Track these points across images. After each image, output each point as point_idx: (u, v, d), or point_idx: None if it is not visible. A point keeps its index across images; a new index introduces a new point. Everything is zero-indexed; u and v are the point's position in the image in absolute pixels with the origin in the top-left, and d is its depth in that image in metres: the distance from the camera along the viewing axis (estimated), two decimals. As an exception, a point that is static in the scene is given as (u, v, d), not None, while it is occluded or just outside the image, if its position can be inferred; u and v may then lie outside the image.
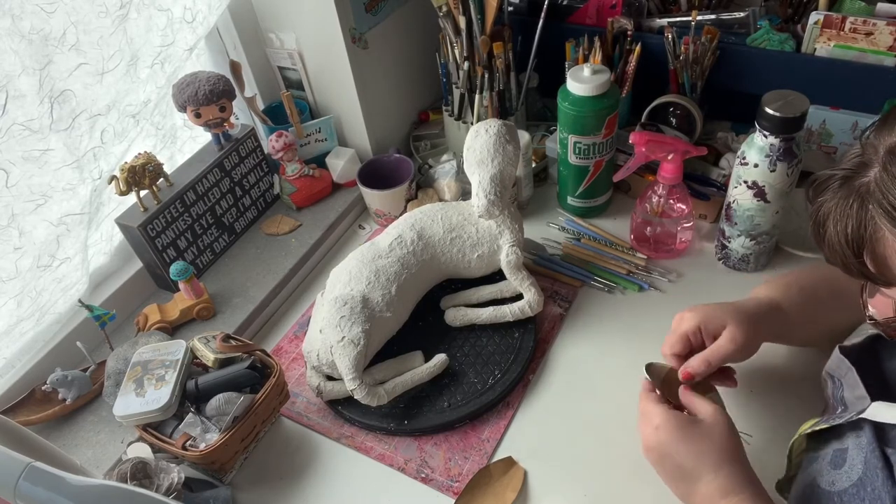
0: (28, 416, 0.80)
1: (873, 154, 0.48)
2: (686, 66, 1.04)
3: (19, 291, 0.79)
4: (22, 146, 0.75)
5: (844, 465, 0.55)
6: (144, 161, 0.88)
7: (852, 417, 0.56)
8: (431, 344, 0.87)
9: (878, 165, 0.47)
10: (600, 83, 0.88)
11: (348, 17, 0.99)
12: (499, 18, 1.04)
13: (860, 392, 0.58)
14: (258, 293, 0.96)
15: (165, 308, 0.92)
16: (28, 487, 0.49)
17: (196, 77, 0.93)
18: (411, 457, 0.77)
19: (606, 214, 1.05)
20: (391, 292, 0.82)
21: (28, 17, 0.72)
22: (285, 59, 1.09)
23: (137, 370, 0.76)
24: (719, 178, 1.02)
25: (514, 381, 0.82)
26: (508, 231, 0.87)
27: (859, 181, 0.48)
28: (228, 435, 0.71)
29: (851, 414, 0.56)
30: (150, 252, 0.92)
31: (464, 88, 1.07)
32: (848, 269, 0.52)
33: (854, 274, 0.52)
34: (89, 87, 0.80)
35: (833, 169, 0.52)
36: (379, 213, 1.07)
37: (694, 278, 0.92)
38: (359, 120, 1.10)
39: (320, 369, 0.82)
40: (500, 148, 0.84)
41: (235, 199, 1.04)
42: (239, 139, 1.02)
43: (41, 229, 0.80)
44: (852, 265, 0.51)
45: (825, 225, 0.52)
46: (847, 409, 0.59)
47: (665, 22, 1.09)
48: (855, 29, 0.95)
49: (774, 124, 0.75)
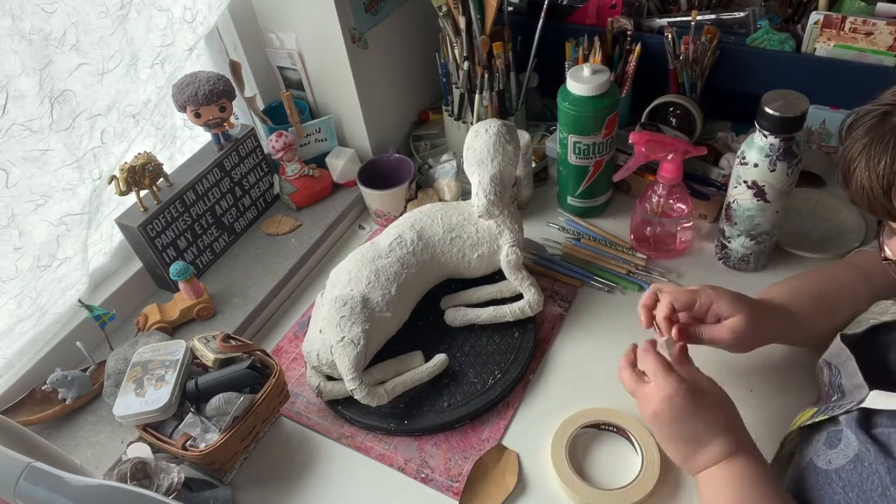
0: (28, 416, 0.80)
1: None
2: (686, 66, 1.04)
3: (19, 291, 0.79)
4: (22, 146, 0.75)
5: (840, 444, 0.56)
6: (144, 161, 0.88)
7: (853, 408, 0.57)
8: (431, 344, 0.87)
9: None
10: (600, 83, 0.88)
11: (348, 17, 0.99)
12: (499, 18, 1.04)
13: (858, 380, 0.59)
14: (258, 293, 0.96)
15: (165, 308, 0.92)
16: (28, 487, 0.49)
17: (196, 77, 0.93)
18: (411, 457, 0.77)
19: (606, 214, 1.05)
20: (391, 292, 0.82)
21: (28, 18, 0.72)
22: (285, 59, 1.09)
23: (137, 370, 0.76)
24: (719, 178, 1.02)
25: (514, 381, 0.82)
26: (508, 231, 0.87)
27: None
28: (228, 435, 0.71)
29: (851, 403, 0.57)
30: (150, 252, 0.92)
31: (464, 88, 1.07)
32: (872, 208, 0.53)
33: (878, 212, 0.53)
34: (89, 87, 0.80)
35: (871, 105, 0.52)
36: (379, 213, 1.07)
37: (694, 278, 0.92)
38: (359, 120, 1.10)
39: (320, 369, 0.82)
40: (500, 148, 0.84)
41: (235, 199, 1.04)
42: (239, 139, 1.02)
43: (41, 229, 0.80)
44: (878, 203, 0.52)
45: (856, 161, 0.52)
46: (844, 396, 0.60)
47: (665, 22, 1.09)
48: (855, 29, 0.95)
49: (774, 124, 0.75)
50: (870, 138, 0.51)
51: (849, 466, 0.55)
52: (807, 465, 0.59)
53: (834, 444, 0.57)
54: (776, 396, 0.77)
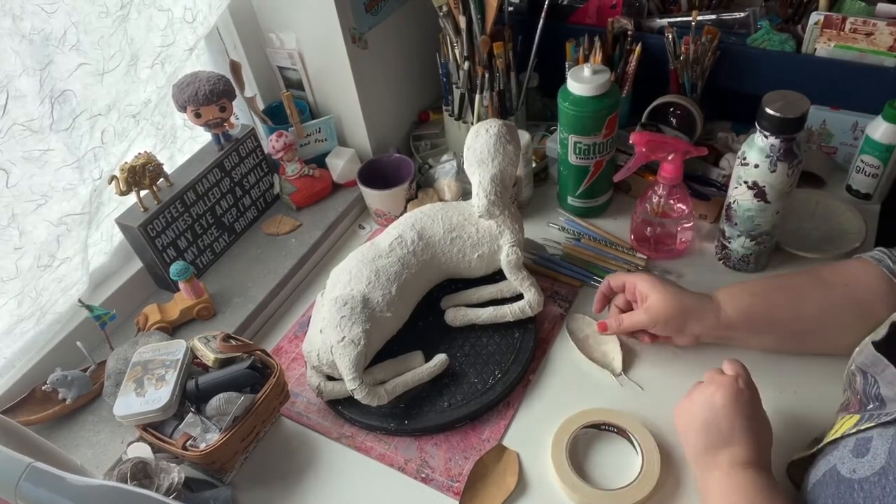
0: (28, 416, 0.80)
1: None
2: (686, 66, 1.04)
3: (20, 291, 0.79)
4: (22, 146, 0.75)
5: (867, 455, 0.55)
6: (144, 161, 0.88)
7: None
8: (431, 344, 0.87)
9: None
10: (600, 83, 0.88)
11: (348, 17, 0.99)
12: (499, 18, 1.04)
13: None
14: (258, 293, 0.96)
15: (165, 308, 0.92)
16: (29, 487, 0.49)
17: (196, 77, 0.93)
18: (411, 457, 0.77)
19: (606, 214, 1.05)
20: (391, 292, 0.82)
21: (29, 18, 0.72)
22: (285, 59, 1.09)
23: (137, 370, 0.76)
24: (719, 179, 1.02)
25: (515, 381, 0.82)
26: (508, 231, 0.87)
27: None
28: (229, 435, 0.71)
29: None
30: (151, 252, 0.92)
31: (464, 88, 1.07)
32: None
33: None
34: (90, 87, 0.80)
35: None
36: (379, 213, 1.07)
37: (694, 278, 0.92)
38: (359, 120, 1.10)
39: (320, 369, 0.82)
40: (500, 148, 0.84)
41: (235, 199, 1.04)
42: (239, 139, 1.02)
43: (41, 229, 0.80)
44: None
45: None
46: (884, 404, 0.59)
47: (665, 22, 1.09)
48: (855, 29, 0.95)
49: (775, 124, 0.75)
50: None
51: (873, 478, 0.53)
52: (829, 471, 0.58)
53: (862, 453, 0.56)
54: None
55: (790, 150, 0.77)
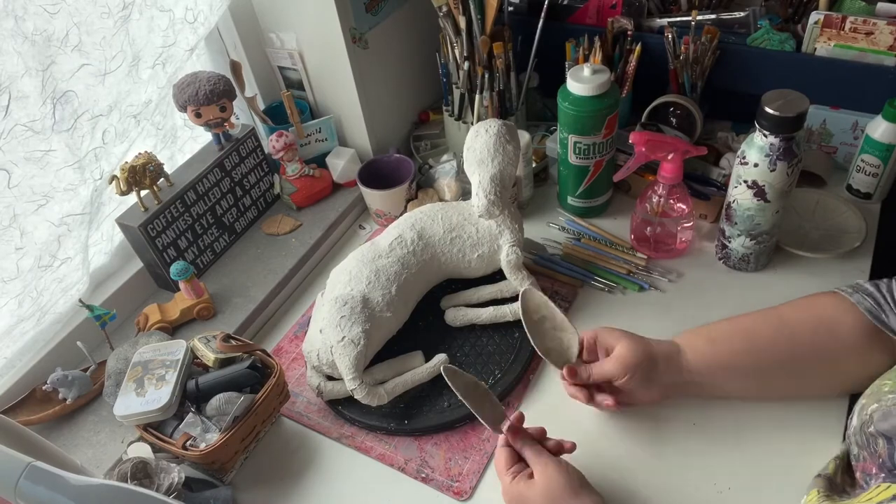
0: (28, 416, 0.80)
1: None
2: (686, 66, 1.04)
3: (20, 291, 0.80)
4: (24, 147, 0.75)
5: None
6: (145, 161, 0.88)
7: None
8: (431, 344, 0.87)
9: None
10: (600, 83, 0.88)
11: (348, 17, 0.99)
12: (499, 18, 1.04)
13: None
14: (258, 293, 0.96)
15: (166, 308, 0.92)
16: (29, 487, 0.49)
17: (196, 77, 0.93)
18: (411, 457, 0.77)
19: (606, 214, 1.05)
20: (391, 292, 0.83)
21: (31, 18, 0.72)
22: (285, 59, 1.09)
23: (138, 370, 0.76)
24: (719, 178, 1.02)
25: (515, 380, 0.82)
26: (508, 231, 0.87)
27: None
28: (229, 435, 0.71)
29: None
30: (151, 252, 0.92)
31: (464, 88, 1.07)
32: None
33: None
34: (91, 87, 0.80)
35: None
36: (379, 213, 1.08)
37: (694, 278, 0.92)
38: (359, 120, 1.10)
39: (320, 369, 0.82)
40: (500, 148, 0.85)
41: (236, 198, 1.04)
42: (239, 139, 1.02)
43: (42, 229, 0.80)
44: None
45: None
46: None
47: (665, 22, 1.09)
48: (855, 29, 0.95)
49: (774, 124, 0.75)
50: None
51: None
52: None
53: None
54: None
55: (790, 149, 0.77)
